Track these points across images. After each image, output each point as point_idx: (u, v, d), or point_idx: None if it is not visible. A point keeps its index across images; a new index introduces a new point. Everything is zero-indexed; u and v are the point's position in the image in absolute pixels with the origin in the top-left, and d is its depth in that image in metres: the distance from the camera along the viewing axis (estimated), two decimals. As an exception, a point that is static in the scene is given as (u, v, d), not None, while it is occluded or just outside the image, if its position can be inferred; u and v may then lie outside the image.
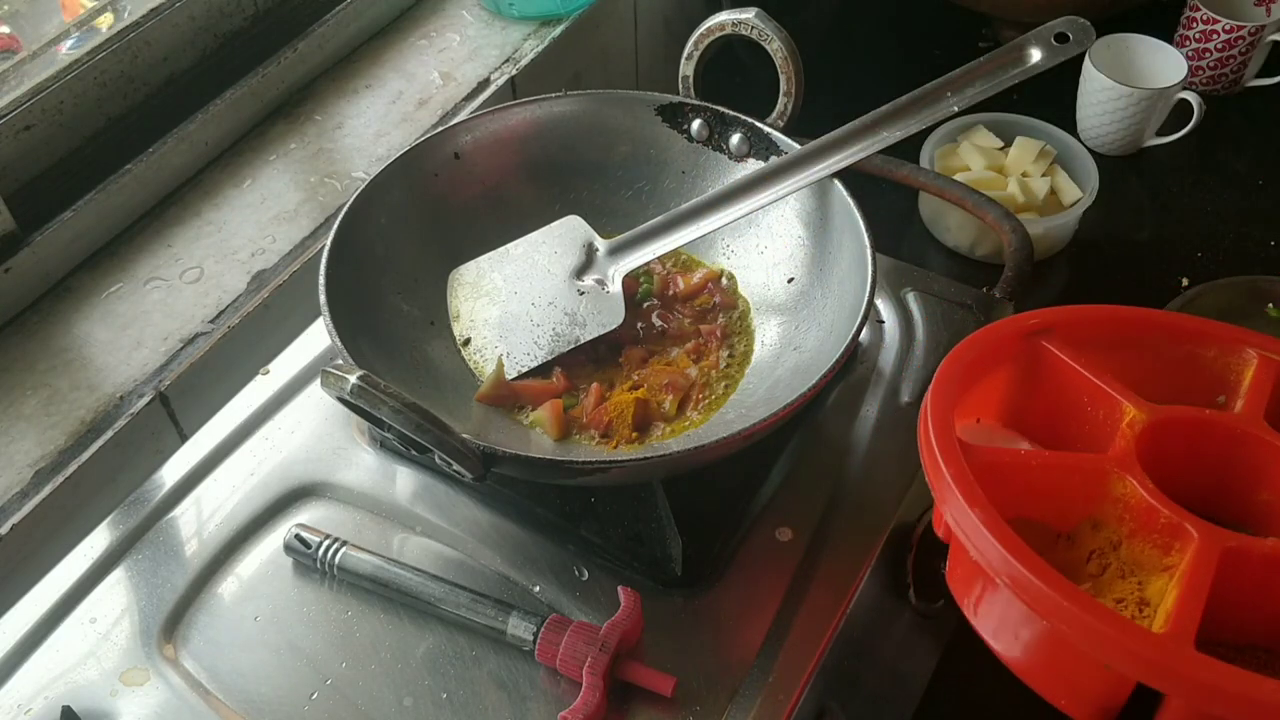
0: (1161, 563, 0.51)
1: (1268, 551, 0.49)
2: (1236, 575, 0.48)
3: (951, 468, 0.50)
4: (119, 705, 0.59)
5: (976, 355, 0.57)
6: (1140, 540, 0.52)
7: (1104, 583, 0.52)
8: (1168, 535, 0.50)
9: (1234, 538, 0.49)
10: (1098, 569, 0.53)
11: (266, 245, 0.83)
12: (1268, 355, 0.58)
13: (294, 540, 0.64)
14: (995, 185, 0.98)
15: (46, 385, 0.74)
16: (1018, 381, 0.60)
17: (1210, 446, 0.56)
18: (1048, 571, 0.46)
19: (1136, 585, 0.51)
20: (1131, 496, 0.52)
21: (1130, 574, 0.52)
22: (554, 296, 0.73)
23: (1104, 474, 0.53)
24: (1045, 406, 0.59)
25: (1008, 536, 0.47)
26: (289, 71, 0.93)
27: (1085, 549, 0.53)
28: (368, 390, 0.55)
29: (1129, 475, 0.52)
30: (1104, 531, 0.53)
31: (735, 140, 0.76)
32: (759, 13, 0.76)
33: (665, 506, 0.62)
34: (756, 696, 0.58)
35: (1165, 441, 0.55)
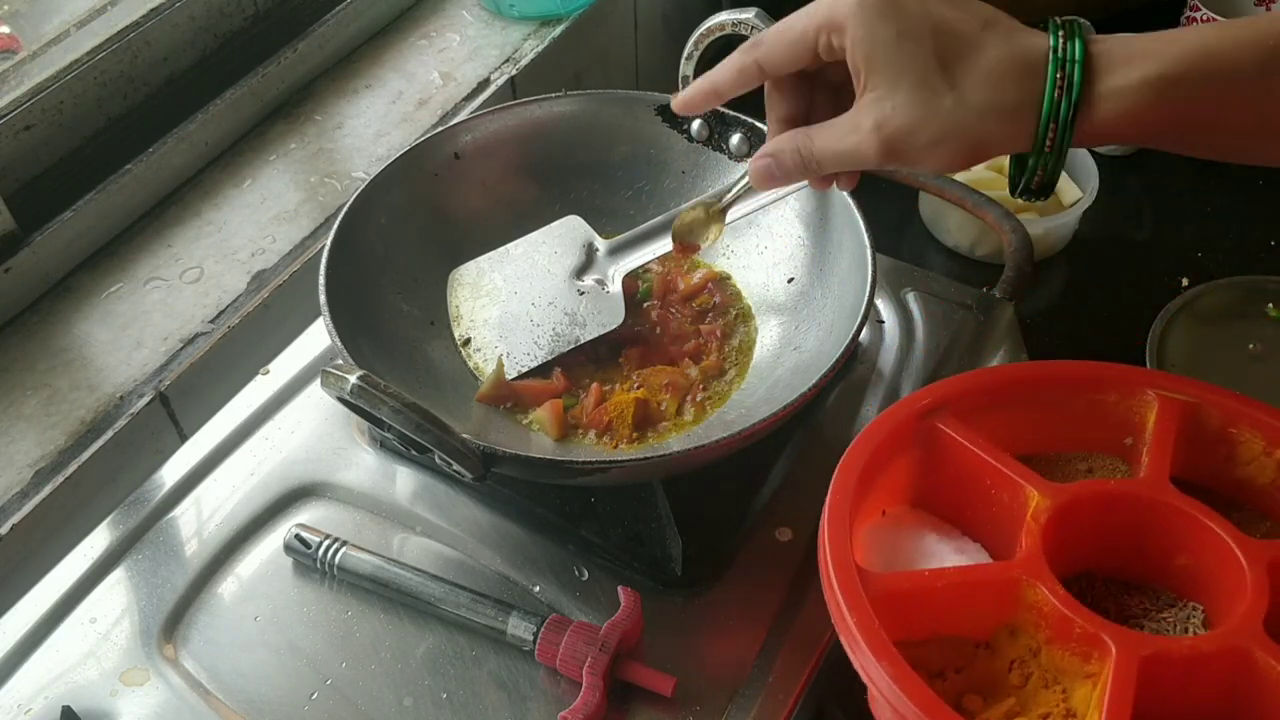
0: (1083, 670, 0.50)
1: (1186, 652, 0.48)
2: (1160, 679, 0.48)
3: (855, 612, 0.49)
4: (119, 705, 0.59)
5: (872, 451, 0.56)
6: (1059, 647, 0.50)
7: (1028, 695, 0.51)
8: (1085, 644, 0.49)
9: (1150, 643, 0.48)
10: (1020, 679, 0.51)
11: (266, 245, 0.83)
12: (1167, 395, 0.57)
13: (294, 540, 0.64)
14: (995, 185, 0.98)
15: (46, 385, 0.74)
16: (920, 464, 0.58)
17: (1120, 518, 0.55)
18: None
19: (1061, 695, 0.50)
20: (1044, 604, 0.50)
21: (1054, 682, 0.51)
22: (554, 296, 0.73)
23: (1013, 583, 0.51)
24: (950, 487, 0.58)
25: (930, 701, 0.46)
26: (289, 71, 0.93)
27: (1006, 658, 0.52)
28: (368, 390, 0.55)
29: (1039, 582, 0.50)
30: (1022, 638, 0.52)
31: (735, 140, 0.76)
32: (759, 13, 0.75)
33: (665, 506, 0.62)
34: (756, 696, 0.58)
35: (1074, 521, 0.54)
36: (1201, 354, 0.87)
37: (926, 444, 0.58)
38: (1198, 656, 0.48)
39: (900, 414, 0.57)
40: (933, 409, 0.57)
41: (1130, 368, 0.59)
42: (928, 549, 0.58)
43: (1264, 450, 0.56)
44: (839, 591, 0.49)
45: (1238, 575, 0.51)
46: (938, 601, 0.52)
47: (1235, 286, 0.92)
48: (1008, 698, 0.50)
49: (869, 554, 0.56)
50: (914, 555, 0.58)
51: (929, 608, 0.52)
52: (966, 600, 0.52)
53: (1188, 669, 0.48)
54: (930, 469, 0.58)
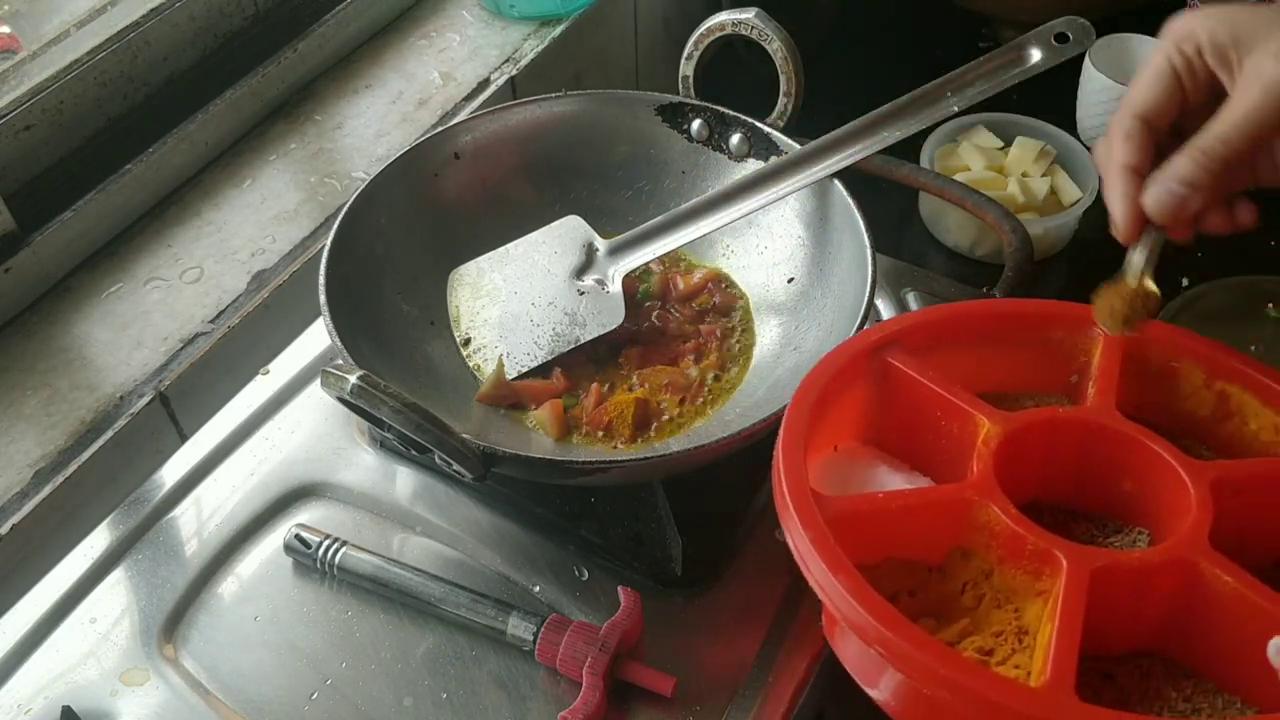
0: (1034, 588, 0.50)
1: (1135, 564, 0.49)
2: (1110, 592, 0.48)
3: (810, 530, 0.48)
4: (119, 705, 0.59)
5: (825, 383, 0.55)
6: (1010, 566, 0.51)
7: (981, 615, 0.51)
8: (1037, 560, 0.49)
9: (1101, 555, 0.48)
10: (973, 600, 0.52)
11: (266, 245, 0.83)
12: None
13: (294, 540, 0.64)
14: (995, 185, 0.97)
15: (46, 385, 0.74)
16: (871, 399, 0.58)
17: (1067, 445, 0.55)
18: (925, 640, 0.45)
19: (1014, 614, 0.50)
20: (996, 524, 0.51)
21: (1006, 602, 0.51)
22: (554, 296, 0.73)
23: (965, 504, 0.51)
24: (901, 421, 0.58)
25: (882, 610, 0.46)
26: (289, 71, 0.93)
27: (958, 580, 0.52)
28: (368, 390, 0.55)
29: (990, 502, 0.51)
30: (974, 560, 0.52)
31: (735, 140, 0.76)
32: (759, 13, 0.75)
33: (665, 506, 0.62)
34: (756, 696, 0.58)
35: (1023, 448, 0.54)
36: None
37: (877, 378, 0.58)
38: (1146, 568, 0.48)
39: (852, 348, 0.57)
40: (884, 344, 0.57)
41: (1076, 305, 0.59)
42: (879, 481, 0.58)
43: (1204, 382, 0.57)
44: (794, 512, 0.49)
45: (1182, 496, 0.51)
46: (891, 523, 0.52)
47: (1235, 286, 0.92)
48: (961, 619, 0.51)
49: (822, 486, 0.55)
50: (866, 486, 0.58)
51: (882, 530, 0.52)
52: (919, 522, 0.52)
53: (1136, 581, 0.48)
54: (881, 404, 0.58)
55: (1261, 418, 0.55)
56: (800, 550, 0.49)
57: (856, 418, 0.59)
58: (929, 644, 0.45)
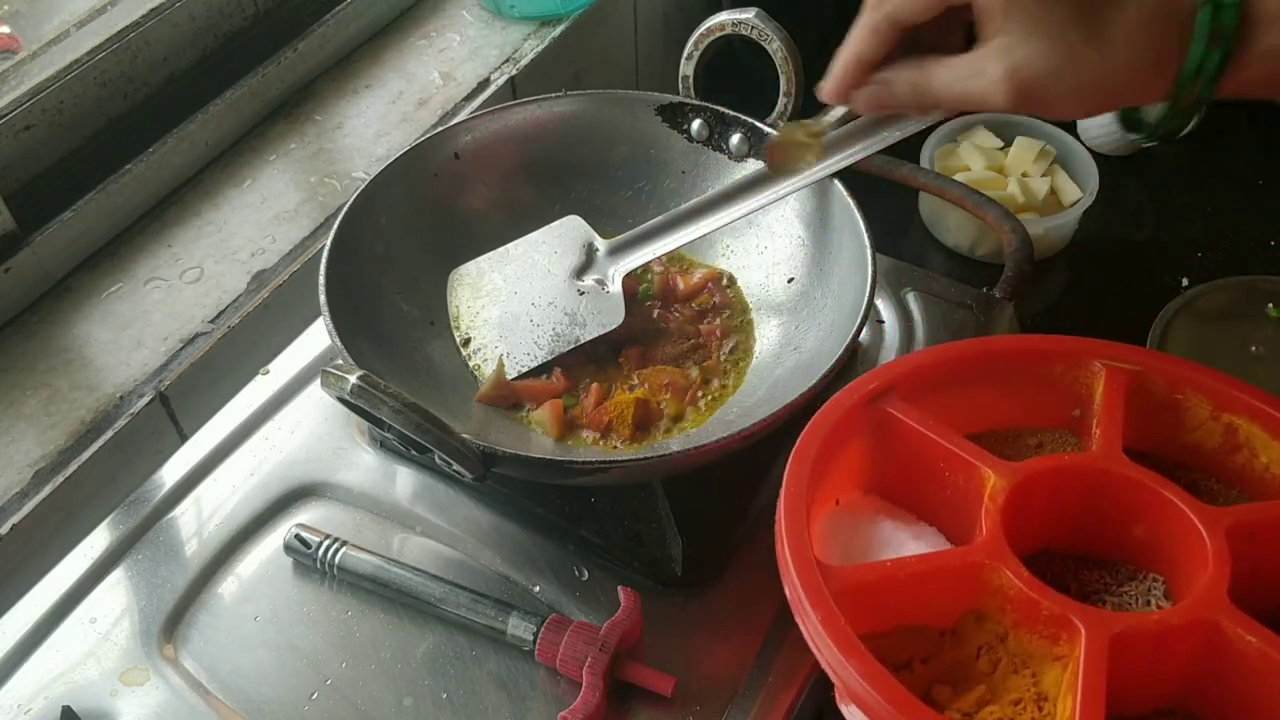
0: (1052, 653, 0.49)
1: (1155, 627, 0.48)
2: (1130, 656, 0.47)
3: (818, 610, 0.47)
4: (119, 705, 0.59)
5: (823, 440, 0.55)
6: (1026, 631, 0.50)
7: (998, 680, 0.50)
8: (1053, 626, 0.48)
9: (1119, 620, 0.48)
10: (989, 666, 0.51)
11: (266, 245, 0.83)
12: (1113, 365, 0.57)
13: (294, 540, 0.64)
14: (995, 185, 0.98)
15: (46, 385, 0.74)
16: (872, 450, 0.57)
17: (1075, 492, 0.54)
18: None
19: (1031, 679, 0.49)
20: (1009, 588, 0.50)
21: (1023, 667, 0.50)
22: (554, 296, 0.73)
23: (976, 568, 0.50)
24: (904, 471, 0.57)
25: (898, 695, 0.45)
26: (289, 71, 0.93)
27: (972, 645, 0.51)
28: (368, 390, 0.55)
29: (1003, 566, 0.50)
30: (988, 624, 0.51)
31: (735, 140, 0.76)
32: (759, 13, 0.75)
33: (665, 506, 0.62)
34: (756, 696, 0.58)
35: (1030, 499, 0.53)
36: (1202, 354, 0.87)
37: (876, 429, 0.57)
38: (1166, 631, 0.48)
39: (848, 400, 0.57)
40: (880, 393, 0.57)
41: (1075, 339, 0.58)
42: (884, 536, 0.57)
43: (1210, 414, 0.56)
44: (800, 588, 0.49)
45: (1197, 543, 0.50)
46: (900, 591, 0.51)
47: (1235, 286, 0.92)
48: (977, 685, 0.50)
49: (825, 544, 0.55)
50: (871, 543, 0.57)
51: (892, 598, 0.51)
52: (930, 588, 0.52)
53: (1157, 644, 0.48)
54: (882, 454, 0.57)
55: (1271, 451, 0.55)
56: (810, 631, 0.48)
57: (857, 469, 0.58)
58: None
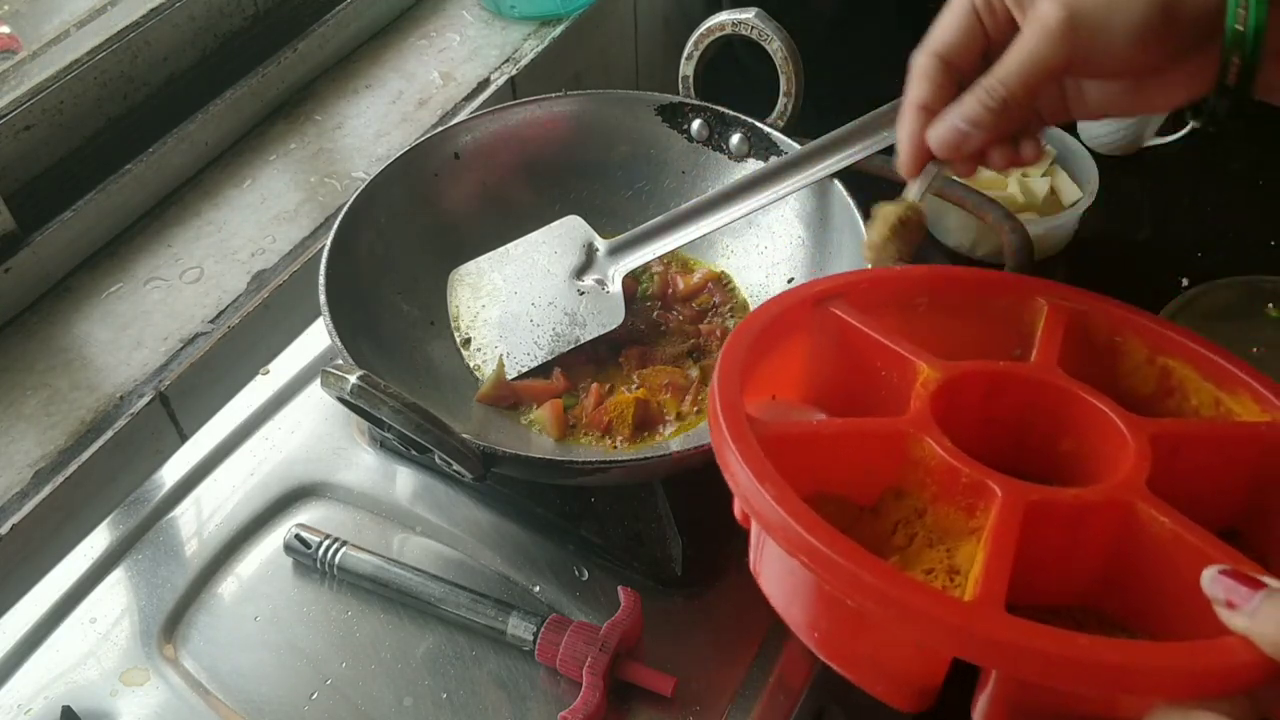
0: (968, 526, 0.48)
1: (1071, 501, 0.47)
2: (1043, 531, 0.46)
3: (739, 443, 0.46)
4: (119, 705, 0.59)
5: (765, 325, 0.54)
6: (944, 504, 0.48)
7: (912, 554, 0.49)
8: (971, 495, 0.47)
9: (1036, 490, 0.46)
10: (904, 540, 0.49)
11: (266, 245, 0.83)
12: (1056, 302, 0.56)
13: (294, 540, 0.64)
14: (995, 185, 0.98)
15: (46, 385, 0.74)
16: (811, 352, 0.57)
17: (1007, 399, 0.54)
18: (848, 547, 0.42)
19: (945, 553, 0.48)
20: (931, 459, 0.49)
21: (938, 541, 0.49)
22: (554, 296, 0.73)
23: (901, 437, 0.49)
24: (841, 377, 0.56)
25: (802, 512, 0.44)
26: (289, 71, 0.93)
27: (890, 520, 0.50)
28: (368, 390, 0.55)
29: (926, 436, 0.49)
30: (907, 500, 0.50)
31: (735, 140, 0.76)
32: (759, 13, 0.75)
33: (665, 506, 0.62)
34: (756, 696, 0.58)
35: (961, 399, 0.52)
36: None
37: (819, 330, 0.56)
38: (1082, 506, 0.47)
39: (795, 296, 0.56)
40: (828, 295, 0.56)
41: (1022, 276, 0.58)
42: None
43: (1147, 358, 0.56)
44: (726, 429, 0.47)
45: (1122, 449, 0.50)
46: (825, 453, 0.50)
47: (1235, 286, 0.92)
48: (891, 556, 0.49)
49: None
50: None
51: (816, 459, 0.50)
52: (854, 455, 0.51)
53: (1072, 519, 0.47)
54: (821, 357, 0.57)
55: (1203, 393, 0.54)
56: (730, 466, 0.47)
57: (796, 371, 0.57)
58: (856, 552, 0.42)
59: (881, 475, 0.51)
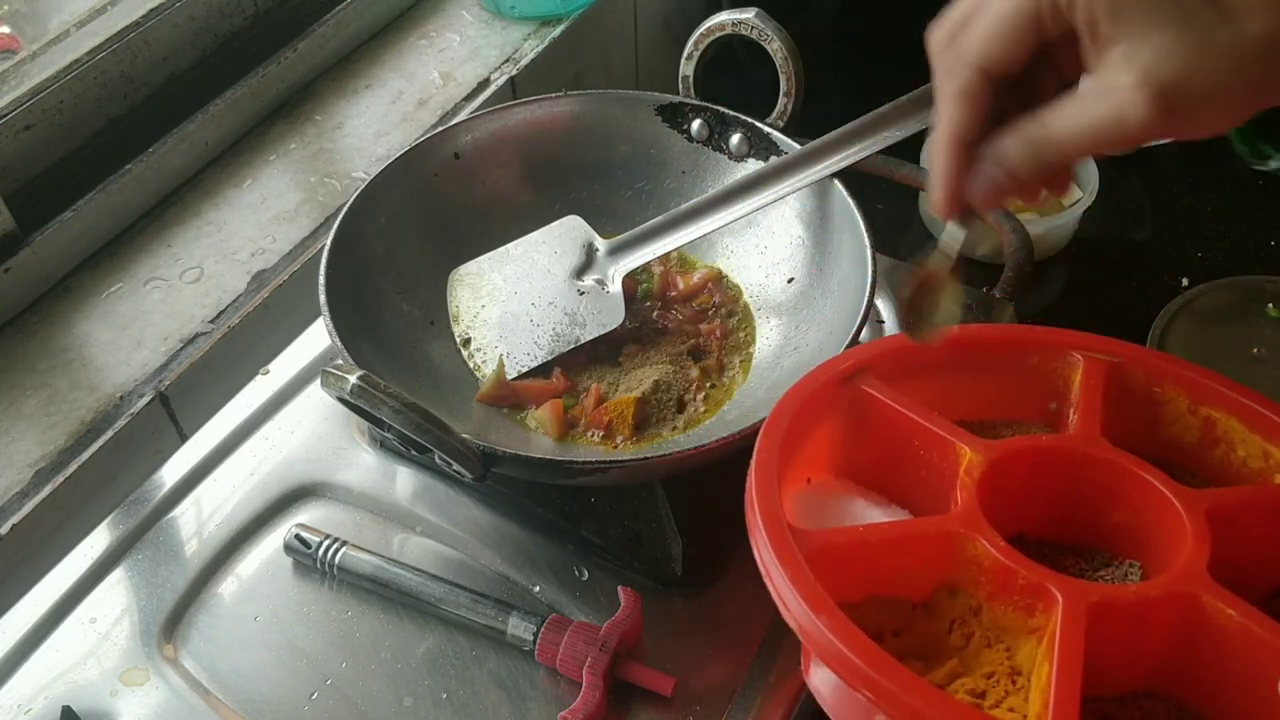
0: (1027, 625, 0.47)
1: (1133, 599, 0.46)
2: (1108, 628, 0.46)
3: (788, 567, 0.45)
4: (119, 705, 0.59)
5: (795, 413, 0.53)
6: (1001, 603, 0.48)
7: (970, 655, 0.48)
8: (1029, 596, 0.47)
9: (1097, 590, 0.46)
10: (961, 640, 0.49)
11: (266, 245, 0.83)
12: (1091, 356, 0.56)
13: (294, 540, 0.64)
14: (995, 185, 0.97)
15: (46, 385, 0.74)
16: (846, 430, 0.56)
17: (1053, 474, 0.53)
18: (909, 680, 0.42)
19: (1005, 653, 0.48)
20: (984, 557, 0.48)
21: (997, 641, 0.48)
22: (554, 296, 0.73)
23: (951, 537, 0.49)
24: (878, 453, 0.55)
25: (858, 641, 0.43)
26: (289, 71, 0.93)
27: (945, 618, 0.50)
28: (368, 390, 0.55)
29: (978, 535, 0.48)
30: (961, 597, 0.50)
31: (735, 140, 0.76)
32: (759, 13, 0.75)
33: (665, 506, 0.62)
34: (756, 696, 0.58)
35: (1007, 478, 0.52)
36: (1202, 354, 0.86)
37: (850, 408, 0.55)
38: (1145, 603, 0.46)
39: (822, 376, 0.55)
40: (856, 371, 0.55)
41: (1053, 329, 0.57)
42: (856, 515, 0.56)
43: (1188, 408, 0.55)
44: (770, 547, 0.46)
45: (1176, 526, 0.49)
46: (872, 558, 0.50)
47: (1235, 286, 0.92)
48: (950, 659, 0.48)
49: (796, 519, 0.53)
50: (843, 520, 0.55)
51: (864, 565, 0.50)
52: (902, 557, 0.50)
53: (1135, 616, 0.46)
54: (855, 434, 0.56)
55: (1249, 444, 0.54)
56: (778, 587, 0.46)
57: (830, 449, 0.56)
58: (919, 687, 0.42)
59: (933, 574, 0.50)
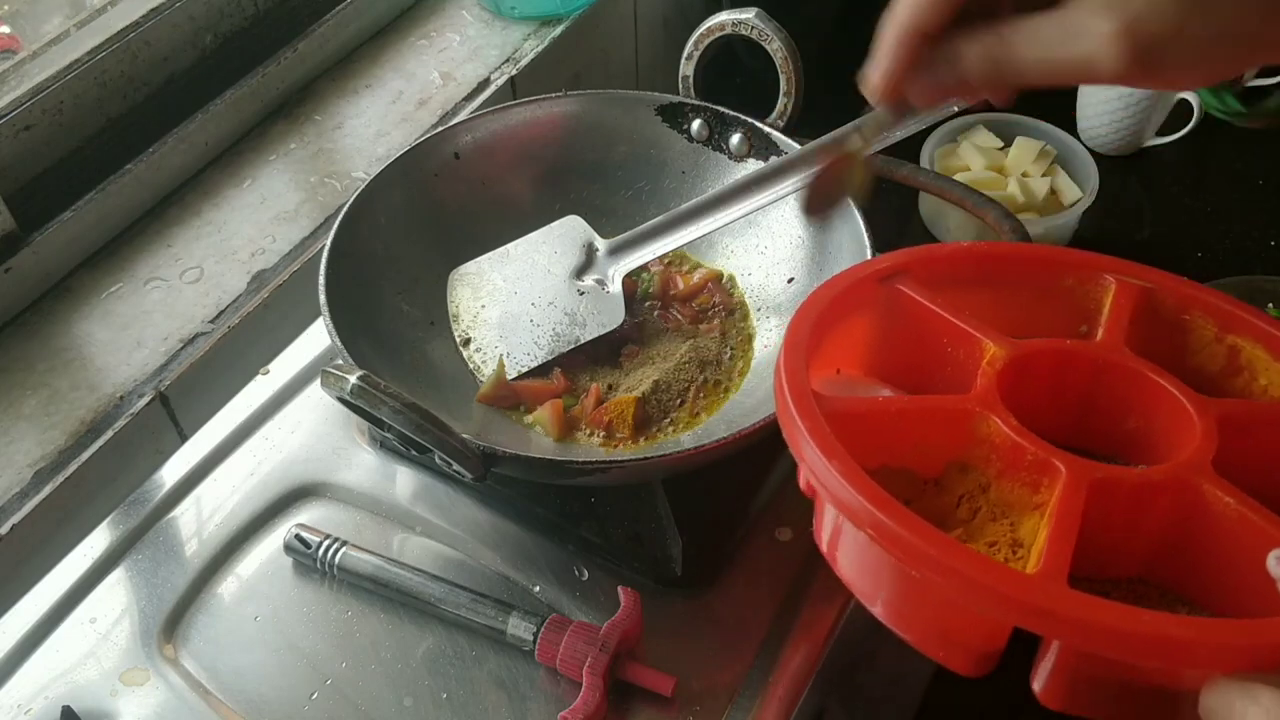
0: (1032, 501, 0.49)
1: (1135, 480, 0.47)
2: (1107, 507, 0.47)
3: (806, 419, 0.47)
4: (119, 705, 0.59)
5: (829, 302, 0.54)
6: (1009, 480, 0.49)
7: (975, 527, 0.50)
8: (1035, 472, 0.48)
9: (1101, 469, 0.47)
10: (968, 513, 0.50)
11: (266, 245, 0.83)
12: (1125, 280, 0.57)
13: (294, 540, 0.64)
14: (995, 185, 0.98)
15: (46, 385, 0.74)
16: (876, 328, 0.57)
17: (1074, 377, 0.54)
18: (913, 521, 0.43)
19: (1009, 526, 0.49)
20: (996, 435, 0.50)
21: (1002, 515, 0.50)
22: (554, 296, 0.73)
23: (966, 415, 0.50)
24: (906, 352, 0.57)
25: (868, 487, 0.44)
26: (289, 71, 0.93)
27: (954, 493, 0.51)
28: (368, 390, 0.55)
29: (992, 414, 0.50)
30: (972, 474, 0.51)
31: (735, 140, 0.76)
32: (759, 13, 0.75)
33: (665, 506, 0.63)
34: (756, 696, 0.58)
35: (1028, 377, 0.53)
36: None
37: (884, 306, 0.57)
38: (1146, 484, 0.47)
39: (860, 272, 0.56)
40: (894, 272, 0.57)
41: (1089, 253, 0.58)
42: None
43: (1215, 336, 0.56)
44: (793, 405, 0.48)
45: (1188, 429, 0.50)
46: (890, 428, 0.51)
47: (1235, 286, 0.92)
48: (956, 529, 0.50)
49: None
50: None
51: (881, 434, 0.51)
52: (918, 430, 0.51)
53: (1135, 499, 0.47)
54: (886, 332, 0.57)
55: (1271, 372, 0.54)
56: (797, 442, 0.47)
57: (860, 346, 0.58)
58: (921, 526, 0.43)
59: (946, 450, 0.52)
